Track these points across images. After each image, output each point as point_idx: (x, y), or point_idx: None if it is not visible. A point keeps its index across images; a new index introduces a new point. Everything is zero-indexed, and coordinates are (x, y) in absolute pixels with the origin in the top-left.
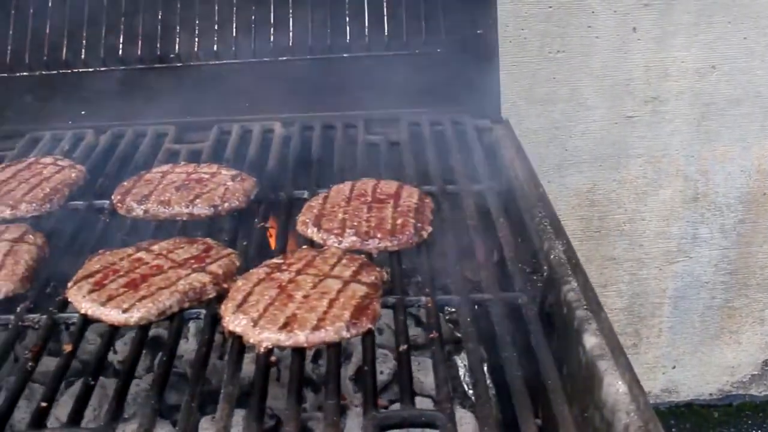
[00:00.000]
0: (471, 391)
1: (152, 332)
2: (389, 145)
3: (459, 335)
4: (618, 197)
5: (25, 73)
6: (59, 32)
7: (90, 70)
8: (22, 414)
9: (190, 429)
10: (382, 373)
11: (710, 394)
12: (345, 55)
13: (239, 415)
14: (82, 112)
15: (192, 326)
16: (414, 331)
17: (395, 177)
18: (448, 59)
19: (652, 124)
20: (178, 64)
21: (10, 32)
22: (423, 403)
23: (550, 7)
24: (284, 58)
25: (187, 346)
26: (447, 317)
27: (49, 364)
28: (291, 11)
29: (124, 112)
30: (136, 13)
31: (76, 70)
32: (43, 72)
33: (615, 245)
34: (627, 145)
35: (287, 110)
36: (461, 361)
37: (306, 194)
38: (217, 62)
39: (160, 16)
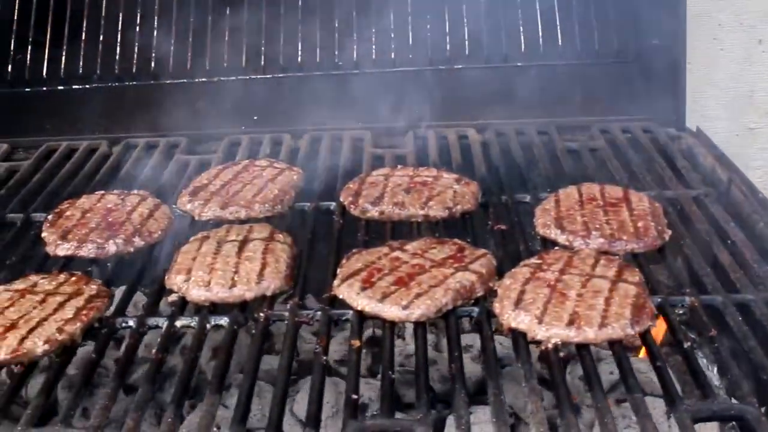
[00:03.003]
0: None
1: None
2: (589, 151)
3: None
4: None
5: (184, 80)
6: (220, 39)
7: (256, 77)
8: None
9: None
10: (612, 373)
11: None
12: (519, 64)
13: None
14: (255, 118)
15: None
16: None
17: (606, 182)
18: (631, 69)
19: None
20: (355, 71)
21: (188, 40)
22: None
23: None
24: (459, 66)
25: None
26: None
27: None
28: (465, 20)
29: (292, 118)
30: (296, 23)
31: (241, 78)
32: (205, 79)
33: None
34: (747, 156)
35: (473, 117)
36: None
37: (528, 198)
38: (380, 70)
39: (325, 24)
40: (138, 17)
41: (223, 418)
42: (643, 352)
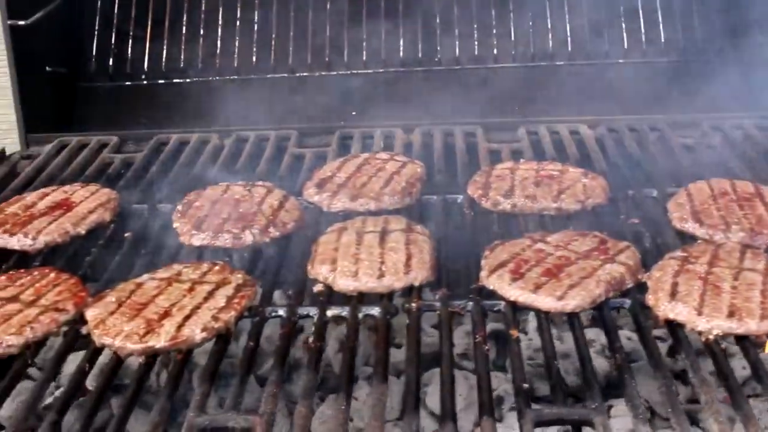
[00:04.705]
0: None
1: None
2: (706, 147)
3: None
4: None
5: (285, 75)
6: (321, 35)
7: (354, 72)
8: None
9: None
10: (744, 368)
11: None
12: (621, 60)
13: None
14: (353, 113)
15: (531, 321)
16: None
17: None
18: (733, 65)
19: None
20: (440, 68)
21: (289, 35)
22: None
23: None
24: (560, 62)
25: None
26: None
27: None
28: (567, 19)
29: (392, 112)
30: (396, 16)
31: (340, 73)
32: (305, 74)
33: None
34: None
35: (579, 112)
36: None
37: (655, 192)
38: (478, 66)
39: (427, 21)
40: (238, 12)
41: (355, 410)
42: None
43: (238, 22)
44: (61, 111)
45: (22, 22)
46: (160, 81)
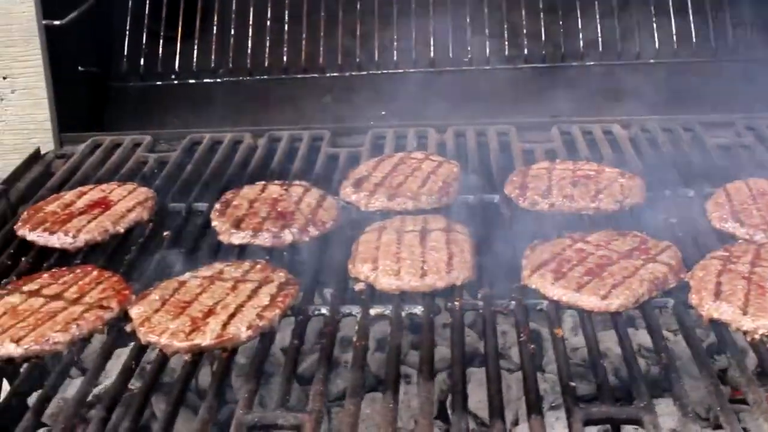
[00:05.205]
0: None
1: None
2: (741, 147)
3: None
4: None
5: (315, 75)
6: (351, 35)
7: (384, 72)
8: None
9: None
10: None
11: None
12: (652, 60)
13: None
14: (382, 113)
15: (567, 320)
16: None
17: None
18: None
19: None
20: (470, 68)
21: (320, 35)
22: None
23: None
24: (590, 63)
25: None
26: None
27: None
28: (598, 18)
29: (423, 112)
30: (426, 17)
31: (370, 72)
32: (335, 74)
33: None
34: None
35: (610, 112)
36: None
37: (691, 192)
38: (509, 66)
39: (457, 21)
40: (269, 12)
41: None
42: None
43: (268, 22)
44: (93, 110)
45: (57, 22)
46: (191, 81)
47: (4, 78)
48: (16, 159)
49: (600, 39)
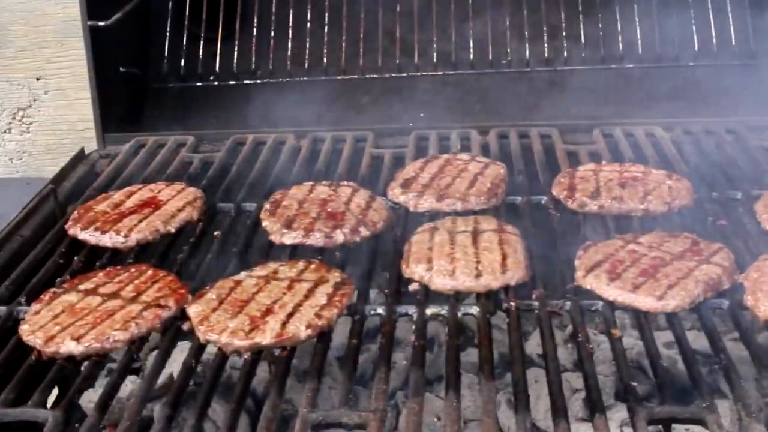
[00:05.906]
0: None
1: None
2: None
3: None
4: None
5: (355, 76)
6: (390, 38)
7: (422, 74)
8: None
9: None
10: None
11: None
12: (691, 63)
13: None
14: (421, 115)
15: None
16: None
17: None
18: None
19: None
20: (509, 70)
21: (360, 37)
22: None
23: None
24: (630, 65)
25: None
26: None
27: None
28: (637, 21)
29: (462, 114)
30: (466, 20)
31: (410, 74)
32: (375, 76)
33: None
34: None
35: (649, 114)
36: None
37: (739, 195)
38: (548, 69)
39: (496, 23)
40: (308, 14)
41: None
42: None
43: (308, 24)
44: (133, 111)
45: (102, 23)
46: (231, 82)
47: (38, 79)
48: (49, 159)
49: (639, 41)
